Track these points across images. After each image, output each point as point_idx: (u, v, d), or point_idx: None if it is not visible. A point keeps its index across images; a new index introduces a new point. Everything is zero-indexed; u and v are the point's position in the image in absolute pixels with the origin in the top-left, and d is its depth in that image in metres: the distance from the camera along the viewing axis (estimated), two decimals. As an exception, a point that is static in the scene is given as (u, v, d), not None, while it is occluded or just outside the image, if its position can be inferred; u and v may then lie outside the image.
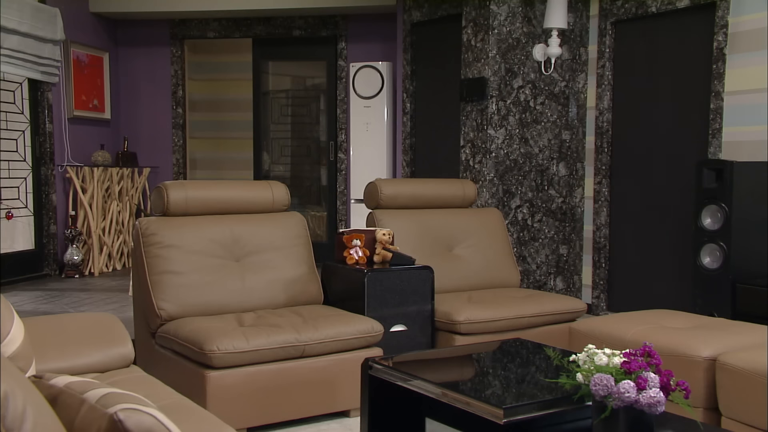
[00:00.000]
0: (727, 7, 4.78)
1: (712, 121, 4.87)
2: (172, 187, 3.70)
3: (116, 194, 7.43)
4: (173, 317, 3.46)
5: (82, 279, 6.92)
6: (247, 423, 3.18)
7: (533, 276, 5.72)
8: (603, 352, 2.11)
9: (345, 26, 7.87)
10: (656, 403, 1.93)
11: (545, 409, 2.24)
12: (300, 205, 8.29)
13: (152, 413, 1.34)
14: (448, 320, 3.89)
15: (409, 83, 6.62)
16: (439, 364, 3.00)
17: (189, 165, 8.51)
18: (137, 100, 8.24)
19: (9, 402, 1.23)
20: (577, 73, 5.83)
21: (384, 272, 3.84)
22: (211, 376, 3.08)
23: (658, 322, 3.37)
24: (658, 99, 5.34)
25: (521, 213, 5.64)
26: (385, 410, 2.72)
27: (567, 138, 5.82)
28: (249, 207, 3.92)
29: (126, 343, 2.61)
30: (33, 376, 1.68)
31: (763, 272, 4.24)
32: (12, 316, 1.78)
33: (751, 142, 4.67)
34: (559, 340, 3.90)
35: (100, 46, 7.80)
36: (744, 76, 4.71)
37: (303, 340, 3.24)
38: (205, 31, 8.13)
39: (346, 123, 7.84)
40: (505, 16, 5.52)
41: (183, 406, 2.19)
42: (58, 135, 7.10)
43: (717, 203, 4.29)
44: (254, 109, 8.40)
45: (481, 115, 5.56)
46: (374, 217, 4.36)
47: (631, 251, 5.55)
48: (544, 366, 2.76)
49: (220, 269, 3.66)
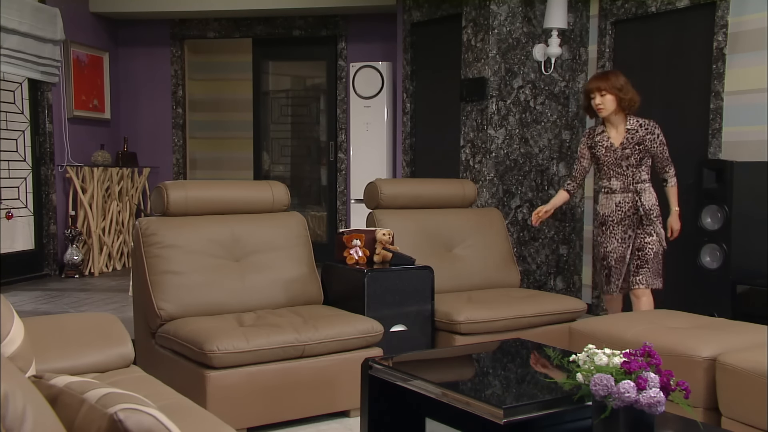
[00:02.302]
0: (727, 7, 4.78)
1: (712, 121, 4.87)
2: (172, 187, 3.70)
3: (116, 194, 7.43)
4: (173, 317, 3.46)
5: (82, 279, 6.92)
6: (247, 423, 3.18)
7: (533, 276, 5.72)
8: (603, 352, 2.11)
9: (345, 26, 7.87)
10: (656, 403, 1.93)
11: (545, 409, 2.24)
12: (300, 205, 8.28)
13: (152, 413, 1.34)
14: (448, 320, 3.89)
15: (409, 83, 6.62)
16: (439, 364, 3.00)
17: (189, 165, 8.51)
18: (137, 100, 8.24)
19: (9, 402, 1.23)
20: (577, 73, 5.83)
21: (384, 272, 3.84)
22: (211, 376, 3.08)
23: (658, 322, 3.37)
24: (658, 99, 5.34)
25: (521, 213, 5.64)
26: (385, 410, 2.72)
27: (567, 138, 5.82)
28: (249, 207, 3.92)
29: (126, 343, 2.61)
30: (33, 376, 1.68)
31: (763, 272, 4.24)
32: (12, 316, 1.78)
33: (751, 142, 4.67)
34: (559, 340, 3.90)
35: (100, 46, 7.80)
36: (744, 76, 4.71)
37: (303, 340, 3.24)
38: (205, 31, 8.13)
39: (346, 123, 7.84)
40: (505, 16, 5.52)
41: (183, 406, 2.20)
42: (58, 135, 7.10)
43: (717, 203, 4.29)
44: (254, 109, 8.40)
45: (481, 115, 5.56)
46: (374, 217, 4.36)
47: (631, 251, 5.54)
48: (544, 366, 2.76)
49: (220, 269, 3.66)
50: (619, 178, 4.17)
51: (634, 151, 4.13)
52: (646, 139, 4.12)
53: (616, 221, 4.18)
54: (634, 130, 4.15)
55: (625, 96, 4.12)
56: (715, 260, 4.30)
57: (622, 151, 4.14)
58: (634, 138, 4.14)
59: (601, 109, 4.16)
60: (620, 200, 4.18)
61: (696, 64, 5.06)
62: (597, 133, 4.26)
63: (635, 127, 4.15)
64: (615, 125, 4.18)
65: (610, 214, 4.20)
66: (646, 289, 4.15)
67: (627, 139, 4.14)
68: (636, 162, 4.14)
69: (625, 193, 4.17)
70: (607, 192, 4.23)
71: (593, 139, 4.27)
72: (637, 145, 4.12)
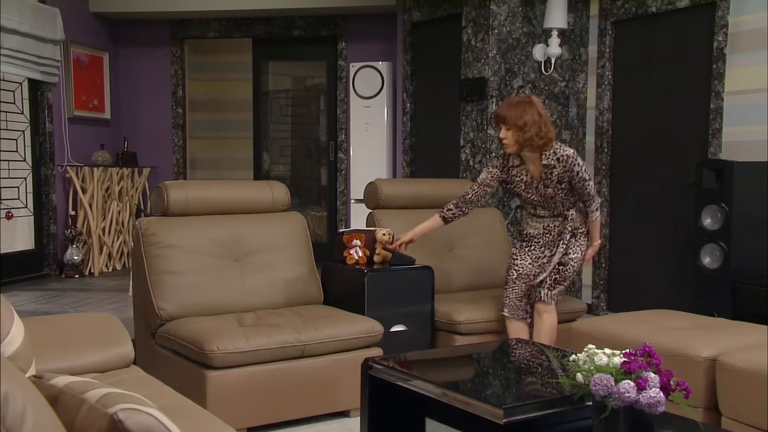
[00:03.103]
0: (727, 7, 4.78)
1: (712, 121, 4.87)
2: (172, 187, 3.70)
3: (116, 194, 7.43)
4: (173, 317, 3.46)
5: (82, 279, 6.92)
6: (247, 423, 3.18)
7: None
8: (603, 352, 2.11)
9: (345, 26, 7.87)
10: (656, 403, 1.93)
11: (545, 409, 2.24)
12: (300, 205, 8.28)
13: (152, 413, 1.34)
14: (448, 320, 3.89)
15: (409, 83, 6.62)
16: (439, 364, 3.00)
17: (189, 165, 8.51)
18: (137, 100, 8.24)
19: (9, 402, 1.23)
20: (577, 73, 5.82)
21: (384, 272, 3.84)
22: (211, 376, 3.08)
23: (658, 322, 3.37)
24: (658, 99, 5.34)
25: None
26: (385, 410, 2.72)
27: (567, 138, 5.82)
28: (249, 207, 3.92)
29: (126, 343, 2.61)
30: (33, 376, 1.68)
31: (763, 272, 4.24)
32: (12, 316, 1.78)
33: (751, 142, 4.67)
34: (559, 340, 3.90)
35: (100, 46, 7.80)
36: (744, 76, 4.71)
37: (303, 340, 3.24)
38: (205, 31, 8.13)
39: (346, 123, 7.84)
40: (505, 16, 5.52)
41: (183, 406, 2.20)
42: (58, 135, 7.10)
43: (717, 203, 4.29)
44: (254, 109, 8.40)
45: (481, 115, 5.56)
46: (374, 217, 4.36)
47: (631, 251, 5.55)
48: (544, 366, 2.76)
49: (220, 269, 3.66)
50: (546, 207, 3.76)
51: (557, 190, 3.67)
52: (565, 177, 3.63)
53: (542, 244, 3.79)
54: (551, 166, 3.63)
55: (526, 134, 3.56)
56: (715, 260, 4.30)
57: (545, 190, 3.68)
58: (553, 174, 3.64)
59: (505, 145, 3.66)
60: (548, 224, 3.78)
61: (696, 64, 5.05)
62: (513, 166, 3.75)
63: (552, 162, 3.62)
64: (531, 159, 3.68)
65: (537, 236, 3.81)
66: (553, 307, 3.74)
67: (545, 174, 3.66)
68: (561, 197, 3.71)
69: (553, 218, 3.78)
70: (534, 215, 3.84)
71: (509, 172, 3.77)
72: (558, 183, 3.65)
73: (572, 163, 3.61)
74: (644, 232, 5.45)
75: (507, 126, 3.59)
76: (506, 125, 3.60)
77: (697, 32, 5.04)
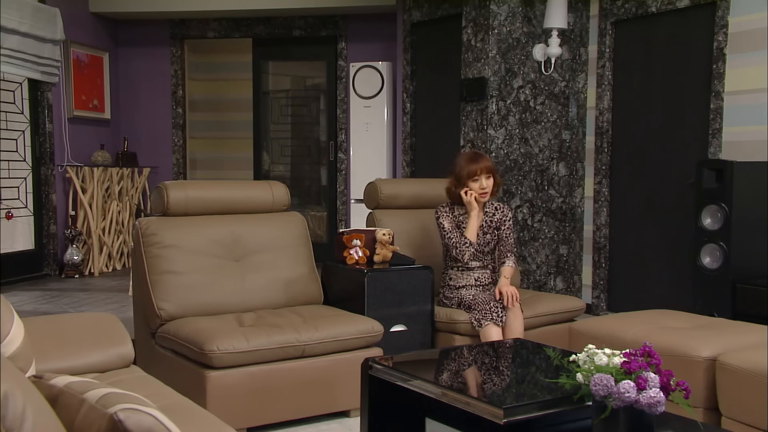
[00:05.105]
0: (727, 7, 4.78)
1: (712, 121, 4.87)
2: (172, 187, 3.70)
3: (116, 194, 7.43)
4: (173, 317, 3.46)
5: (82, 279, 6.92)
6: (247, 423, 3.18)
7: (533, 276, 5.72)
8: (603, 352, 2.11)
9: (345, 26, 7.86)
10: (656, 403, 1.93)
11: (545, 409, 2.24)
12: (300, 205, 8.28)
13: (152, 413, 1.34)
14: (448, 320, 3.89)
15: (409, 83, 6.62)
16: (439, 364, 3.00)
17: (189, 165, 8.51)
18: (137, 100, 8.24)
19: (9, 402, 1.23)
20: (577, 73, 5.82)
21: (384, 272, 3.84)
22: (211, 376, 3.08)
23: (658, 322, 3.37)
24: (658, 99, 5.34)
25: (521, 213, 5.64)
26: (385, 410, 2.72)
27: (567, 138, 5.82)
28: (249, 207, 3.92)
29: (126, 343, 2.61)
30: (33, 376, 1.68)
31: (763, 272, 4.24)
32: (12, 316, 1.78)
33: (751, 142, 4.67)
34: (559, 340, 3.90)
35: (100, 46, 7.80)
36: (744, 76, 4.71)
37: (303, 340, 3.24)
38: (205, 31, 8.13)
39: (346, 123, 7.84)
40: (505, 16, 5.52)
41: (183, 406, 2.20)
42: (58, 135, 7.10)
43: (717, 203, 4.29)
44: (254, 109, 8.40)
45: (481, 115, 5.56)
46: (374, 217, 4.36)
47: (631, 251, 5.55)
48: (544, 366, 2.76)
49: (220, 269, 3.66)
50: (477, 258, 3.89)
51: (494, 237, 3.89)
52: (501, 224, 3.88)
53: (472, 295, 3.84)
54: (491, 213, 3.89)
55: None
56: (715, 260, 4.30)
57: (483, 237, 3.86)
58: (492, 222, 3.88)
59: (485, 194, 3.78)
60: (479, 275, 3.91)
61: (696, 64, 5.05)
62: (459, 213, 3.91)
63: (491, 210, 3.90)
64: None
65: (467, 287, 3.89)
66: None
67: (486, 222, 3.88)
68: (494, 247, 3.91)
69: (483, 270, 3.92)
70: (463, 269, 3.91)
71: (458, 218, 3.91)
72: (495, 230, 3.88)
73: (507, 210, 3.93)
74: (644, 232, 5.45)
75: (490, 174, 3.80)
76: (491, 174, 3.80)
77: (697, 32, 5.04)
